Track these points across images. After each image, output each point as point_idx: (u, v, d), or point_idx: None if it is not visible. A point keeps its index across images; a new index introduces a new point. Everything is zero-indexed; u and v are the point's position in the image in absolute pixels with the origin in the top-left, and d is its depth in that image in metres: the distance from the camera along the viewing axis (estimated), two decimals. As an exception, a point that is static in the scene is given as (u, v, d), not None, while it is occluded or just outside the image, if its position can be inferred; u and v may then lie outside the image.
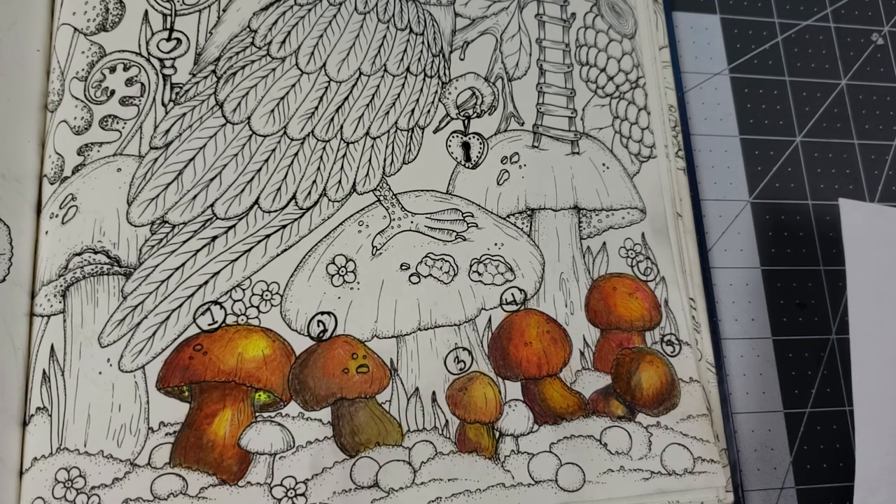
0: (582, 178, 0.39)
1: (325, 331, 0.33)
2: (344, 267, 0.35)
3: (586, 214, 0.38)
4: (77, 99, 0.34)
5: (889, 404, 0.38)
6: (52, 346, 0.31)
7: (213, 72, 0.35)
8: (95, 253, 0.32)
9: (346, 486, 0.31)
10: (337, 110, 0.36)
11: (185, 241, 0.33)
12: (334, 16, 0.37)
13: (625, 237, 0.38)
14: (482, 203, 0.37)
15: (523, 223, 0.37)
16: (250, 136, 0.35)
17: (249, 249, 0.34)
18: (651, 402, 0.35)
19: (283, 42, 0.36)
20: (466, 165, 0.37)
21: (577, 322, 0.36)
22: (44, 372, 0.31)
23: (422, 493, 0.32)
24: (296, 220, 0.35)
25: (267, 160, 0.35)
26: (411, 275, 0.35)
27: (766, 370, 0.39)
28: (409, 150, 0.37)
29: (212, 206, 0.34)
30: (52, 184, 0.33)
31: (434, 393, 0.34)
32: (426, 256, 0.35)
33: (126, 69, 0.34)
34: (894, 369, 0.39)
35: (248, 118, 0.35)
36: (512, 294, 0.36)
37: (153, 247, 0.33)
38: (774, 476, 0.38)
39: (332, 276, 0.34)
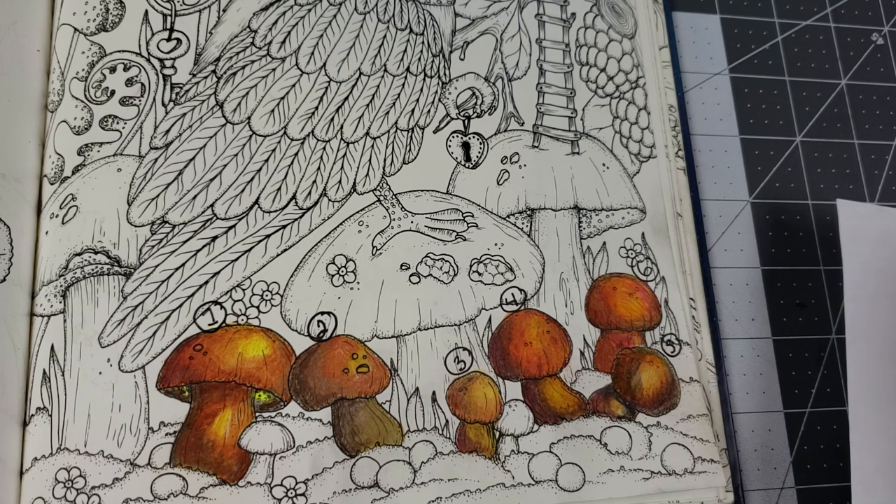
0: (582, 178, 0.39)
1: (325, 331, 0.33)
2: (344, 267, 0.35)
3: (586, 214, 0.38)
4: (77, 99, 0.34)
5: (884, 405, 0.38)
6: (52, 346, 0.31)
7: (214, 72, 0.35)
8: (95, 253, 0.32)
9: (347, 486, 0.31)
10: (337, 110, 0.36)
11: (185, 241, 0.33)
12: (334, 16, 0.37)
13: (625, 237, 0.38)
14: (482, 203, 0.37)
15: (523, 223, 0.37)
16: (250, 136, 0.35)
17: (249, 249, 0.34)
18: (651, 401, 0.35)
19: (284, 42, 0.36)
20: (466, 165, 0.37)
21: (577, 322, 0.36)
22: (44, 372, 0.31)
23: (422, 493, 0.32)
24: (296, 220, 0.35)
25: (267, 160, 0.35)
26: (411, 275, 0.35)
27: (766, 370, 0.39)
28: (409, 150, 0.37)
29: (212, 206, 0.34)
30: (52, 184, 0.33)
31: (434, 393, 0.34)
32: (426, 256, 0.35)
33: (126, 69, 0.34)
34: (889, 369, 0.39)
35: (248, 118, 0.35)
36: (512, 294, 0.36)
37: (153, 247, 0.33)
38: (774, 476, 0.38)
39: (332, 276, 0.34)
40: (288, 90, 0.35)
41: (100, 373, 0.31)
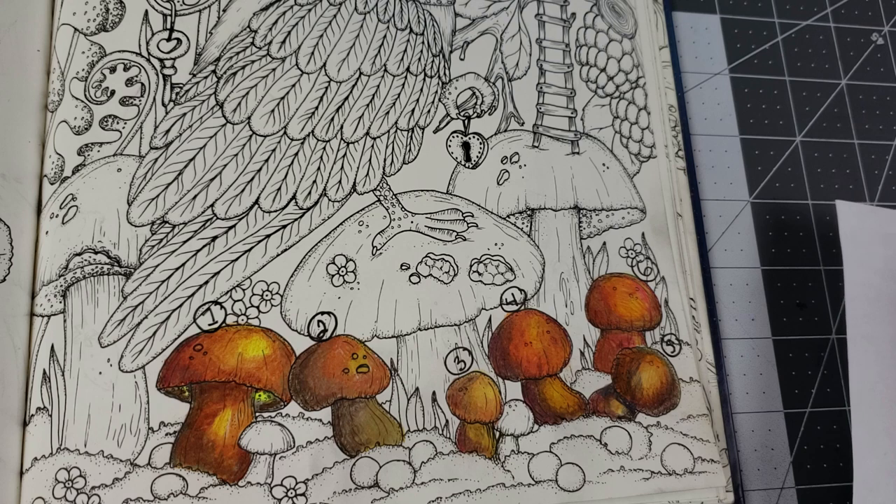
0: (582, 178, 0.39)
1: (325, 331, 0.33)
2: (344, 267, 0.35)
3: (586, 214, 0.38)
4: (77, 99, 0.34)
5: (886, 404, 0.38)
6: (52, 346, 0.31)
7: (214, 72, 0.35)
8: (96, 253, 0.32)
9: (347, 486, 0.31)
10: (337, 110, 0.36)
11: (185, 241, 0.33)
12: (334, 16, 0.37)
13: (625, 237, 0.38)
14: (482, 203, 0.37)
15: (523, 223, 0.37)
16: (250, 136, 0.35)
17: (249, 249, 0.34)
18: (651, 401, 0.35)
19: (284, 42, 0.36)
20: (466, 165, 0.37)
21: (578, 322, 0.36)
22: (44, 372, 0.31)
23: (422, 493, 0.32)
24: (296, 220, 0.35)
25: (267, 160, 0.35)
26: (411, 275, 0.35)
27: (766, 370, 0.39)
28: (410, 150, 0.37)
29: (212, 206, 0.34)
30: (52, 184, 0.33)
31: (434, 393, 0.34)
32: (426, 256, 0.35)
33: (126, 69, 0.34)
34: (891, 369, 0.39)
35: (249, 118, 0.35)
36: (512, 294, 0.36)
37: (153, 247, 0.33)
38: (774, 476, 0.38)
39: (332, 276, 0.34)
40: (288, 90, 0.35)
41: (100, 373, 0.31)
